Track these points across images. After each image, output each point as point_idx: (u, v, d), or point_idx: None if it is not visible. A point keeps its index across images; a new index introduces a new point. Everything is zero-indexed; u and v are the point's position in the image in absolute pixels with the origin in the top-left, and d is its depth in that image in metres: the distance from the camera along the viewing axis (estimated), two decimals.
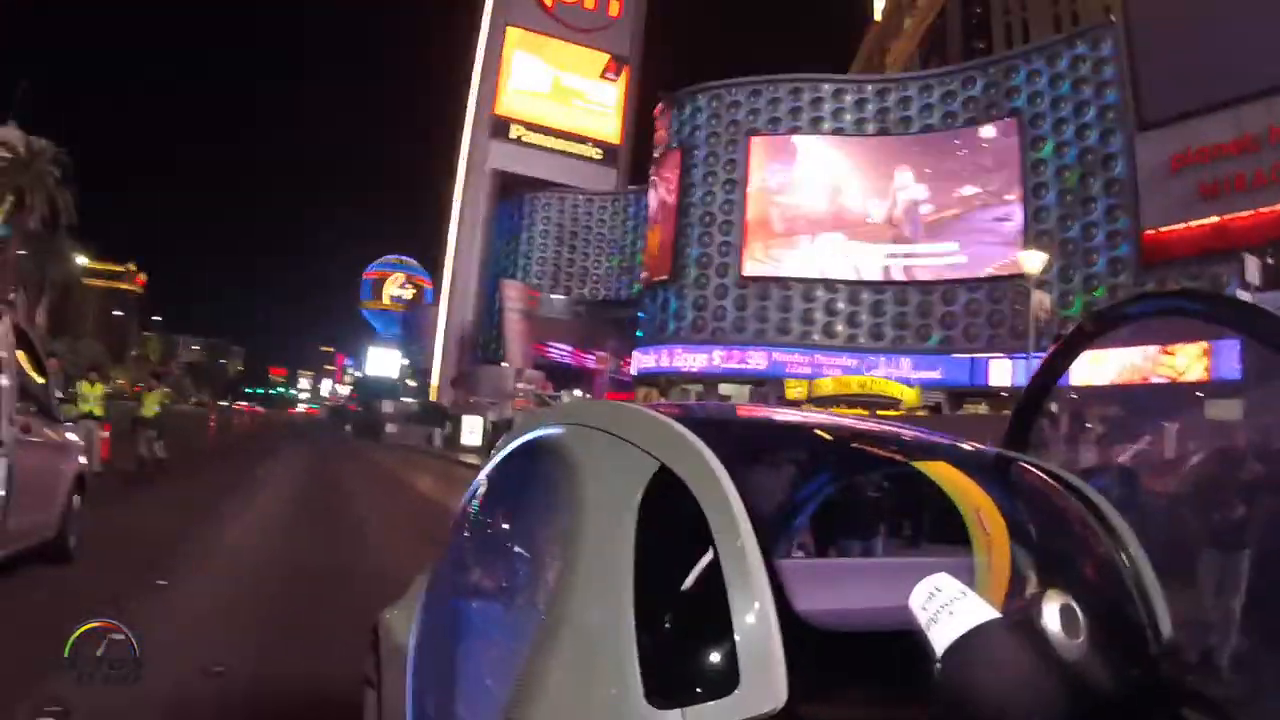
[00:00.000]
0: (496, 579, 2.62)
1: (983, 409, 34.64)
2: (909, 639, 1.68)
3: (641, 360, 48.20)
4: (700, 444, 1.98)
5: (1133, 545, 2.34)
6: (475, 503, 2.98)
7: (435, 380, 78.35)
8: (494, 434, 42.70)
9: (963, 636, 1.64)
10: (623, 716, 1.63)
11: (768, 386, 41.21)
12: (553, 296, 64.15)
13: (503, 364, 61.86)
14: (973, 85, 40.49)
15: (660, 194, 48.91)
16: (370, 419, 76.24)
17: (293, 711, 5.10)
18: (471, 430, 50.16)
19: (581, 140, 67.10)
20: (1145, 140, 32.73)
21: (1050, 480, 2.55)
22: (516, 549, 2.54)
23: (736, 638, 1.60)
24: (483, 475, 2.98)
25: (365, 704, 3.70)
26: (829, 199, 42.90)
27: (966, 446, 2.73)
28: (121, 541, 10.46)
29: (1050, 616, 1.76)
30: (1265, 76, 28.47)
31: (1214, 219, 30.33)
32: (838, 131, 43.43)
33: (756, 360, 42.69)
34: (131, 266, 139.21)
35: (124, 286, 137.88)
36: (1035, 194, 37.12)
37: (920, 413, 34.80)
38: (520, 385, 54.76)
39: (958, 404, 37.47)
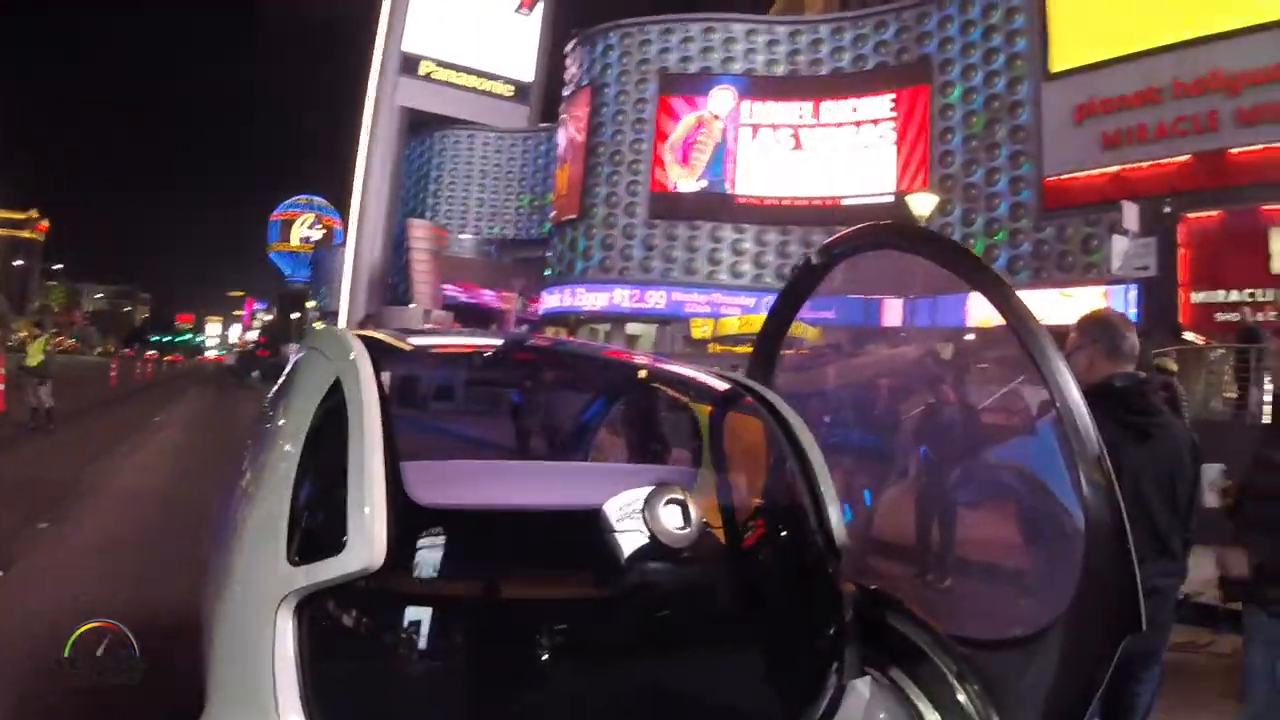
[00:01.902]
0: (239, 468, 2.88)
1: (883, 347, 35.05)
2: (498, 523, 2.22)
3: (549, 300, 47.86)
4: (362, 357, 2.28)
5: (814, 457, 2.64)
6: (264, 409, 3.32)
7: (344, 322, 76.92)
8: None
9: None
10: (272, 574, 1.96)
11: (673, 326, 41.25)
12: (462, 236, 63.21)
13: (410, 305, 60.95)
14: (885, 30, 40.46)
15: (570, 132, 48.26)
16: (279, 364, 74.62)
17: (156, 636, 5.13)
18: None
19: (493, 77, 65.41)
20: (1051, 89, 33.22)
21: (762, 405, 2.85)
22: (253, 440, 2.92)
23: (348, 510, 1.88)
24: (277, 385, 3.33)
25: None
26: (740, 141, 42.84)
27: (703, 376, 3.26)
28: (10, 489, 10.37)
29: (660, 510, 2.17)
30: (1172, 30, 29.43)
31: (1114, 168, 31.06)
32: (748, 73, 43.14)
33: (655, 299, 42.66)
34: (33, 213, 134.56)
35: (25, 235, 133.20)
36: (941, 139, 37.54)
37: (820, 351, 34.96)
38: (428, 326, 54.07)
39: (858, 343, 37.79)
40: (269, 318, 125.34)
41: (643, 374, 3.50)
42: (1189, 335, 27.05)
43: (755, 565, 2.55)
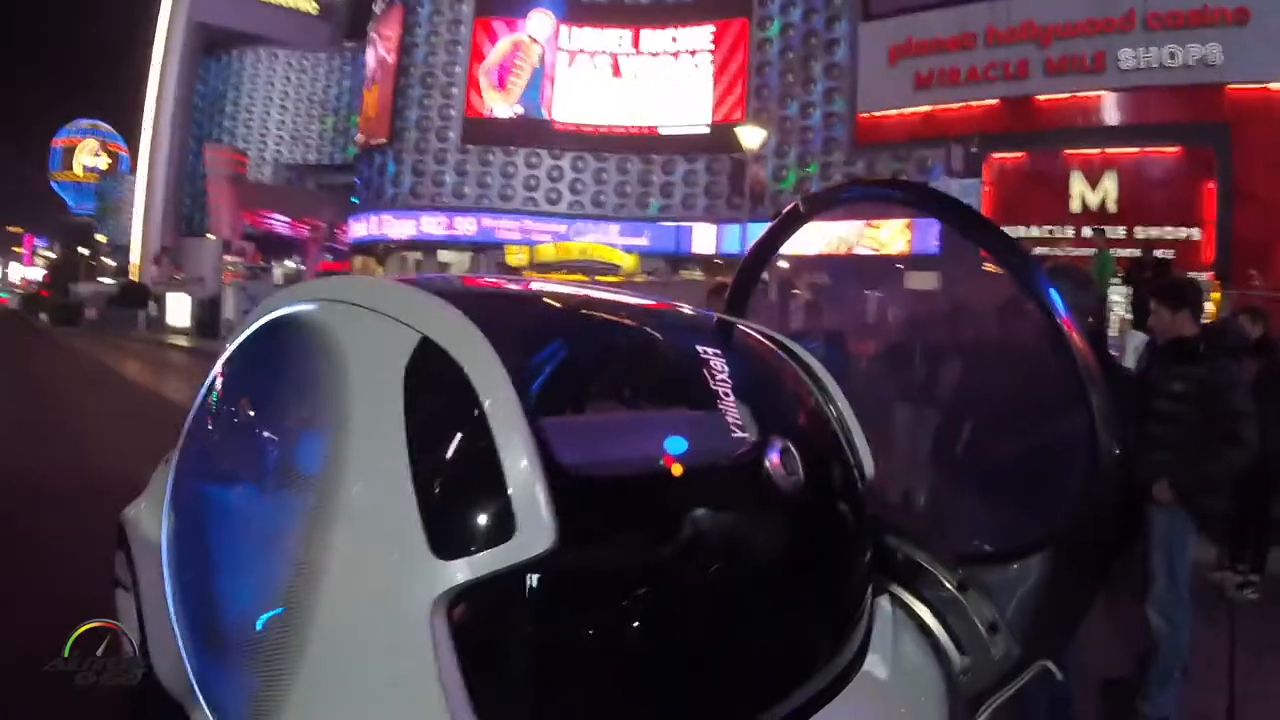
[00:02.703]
0: (254, 464, 2.51)
1: (698, 274, 35.39)
2: (656, 485, 2.14)
3: (356, 228, 45.66)
4: (461, 315, 2.10)
5: (839, 399, 2.79)
6: (218, 385, 2.90)
7: (136, 258, 71.99)
8: (205, 312, 39.65)
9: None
10: (411, 574, 1.76)
11: (488, 253, 40.07)
12: (262, 162, 59.81)
13: (209, 236, 57.48)
14: None
15: (380, 52, 45.99)
16: (67, 304, 70.23)
17: (36, 621, 4.33)
18: (178, 309, 46.28)
19: None
20: (868, 29, 33.83)
21: (766, 342, 2.92)
22: (275, 431, 2.47)
23: (509, 490, 1.75)
24: (224, 356, 2.89)
25: (118, 605, 3.68)
26: (558, 67, 41.75)
27: (694, 313, 3.10)
28: None
29: (772, 457, 2.24)
30: None
31: (925, 108, 32.08)
32: None
33: (465, 227, 41.26)
34: None
35: None
36: (758, 72, 37.74)
37: (639, 278, 34.85)
38: (229, 258, 51.24)
39: (674, 270, 37.86)
40: (52, 255, 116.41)
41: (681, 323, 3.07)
42: (987, 267, 28.35)
43: (817, 501, 2.53)
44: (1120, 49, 29.22)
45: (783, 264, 32.10)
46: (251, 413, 2.76)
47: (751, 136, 27.08)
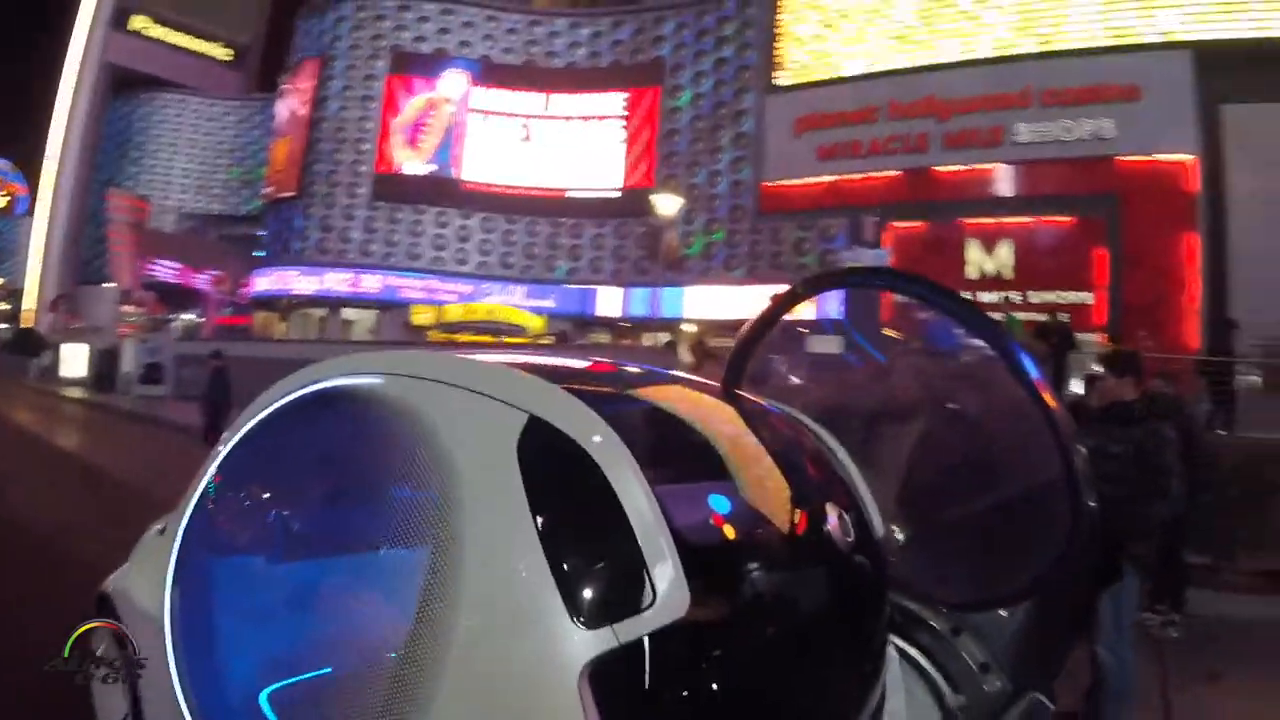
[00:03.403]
0: (320, 541, 2.61)
1: (604, 338, 35.35)
2: (745, 548, 2.32)
3: (261, 282, 44.55)
4: (567, 392, 2.24)
5: (848, 462, 2.97)
6: (247, 456, 2.91)
7: (31, 303, 69.60)
8: (103, 363, 38.30)
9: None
10: (555, 645, 1.84)
11: (393, 312, 39.56)
12: (165, 207, 58.30)
13: (108, 284, 55.87)
14: (622, 29, 40.67)
15: (292, 104, 45.33)
16: None
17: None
18: (74, 359, 44.50)
19: (211, 38, 60.98)
20: (774, 101, 34.77)
21: (775, 411, 3.06)
22: (349, 507, 2.52)
23: (646, 559, 1.87)
24: (249, 427, 2.89)
25: (95, 685, 3.42)
26: (470, 127, 41.71)
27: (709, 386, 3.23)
28: None
29: (832, 520, 2.50)
30: (892, 59, 32.33)
31: (829, 178, 33.05)
32: (483, 58, 41.99)
33: (371, 284, 40.63)
34: None
35: None
36: (668, 139, 38.22)
37: (545, 340, 34.69)
38: (128, 307, 49.71)
39: (582, 333, 37.80)
40: None
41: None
42: (889, 332, 28.78)
43: (860, 559, 2.66)
44: (1016, 123, 30.44)
45: (689, 327, 32.54)
46: (310, 488, 2.79)
47: (667, 203, 27.39)
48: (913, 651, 2.92)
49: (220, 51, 62.27)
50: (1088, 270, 29.23)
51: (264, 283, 43.99)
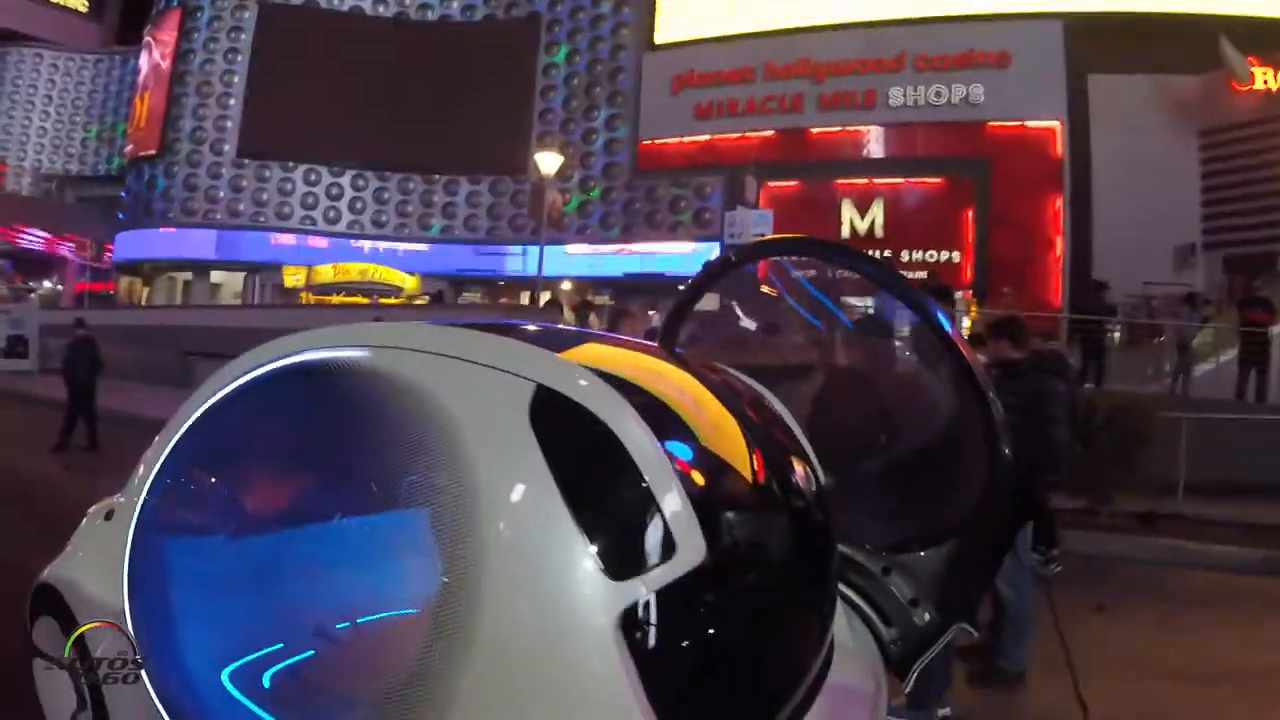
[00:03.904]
0: (301, 521, 2.60)
1: (479, 297, 34.80)
2: (740, 496, 2.48)
3: (123, 246, 42.61)
4: (565, 359, 2.36)
5: (788, 416, 3.15)
6: (221, 431, 2.91)
7: None
8: None
9: None
10: (590, 598, 1.95)
11: (263, 274, 38.22)
12: (22, 169, 54.98)
13: None
14: None
15: (154, 57, 42.98)
16: None
17: None
18: None
19: None
20: (652, 59, 34.54)
21: (723, 370, 3.18)
22: (338, 484, 2.53)
23: (665, 514, 1.99)
24: (210, 403, 2.89)
25: (38, 680, 3.59)
26: (343, 80, 39.97)
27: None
28: None
29: (799, 474, 2.72)
30: (769, 18, 32.39)
31: (705, 137, 33.15)
32: (354, 10, 40.65)
33: (239, 246, 38.98)
34: None
35: None
36: (543, 95, 37.54)
37: (420, 300, 33.93)
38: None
39: (456, 292, 37.04)
40: None
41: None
42: (765, 289, 29.39)
43: (819, 505, 2.81)
44: (890, 87, 30.96)
45: (566, 285, 32.22)
46: (295, 463, 2.79)
47: (548, 161, 27.09)
48: (849, 591, 3.12)
49: (76, 1, 58.87)
50: (957, 230, 29.98)
51: (127, 246, 42.06)
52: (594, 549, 1.98)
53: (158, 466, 3.06)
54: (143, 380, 22.36)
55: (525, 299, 34.94)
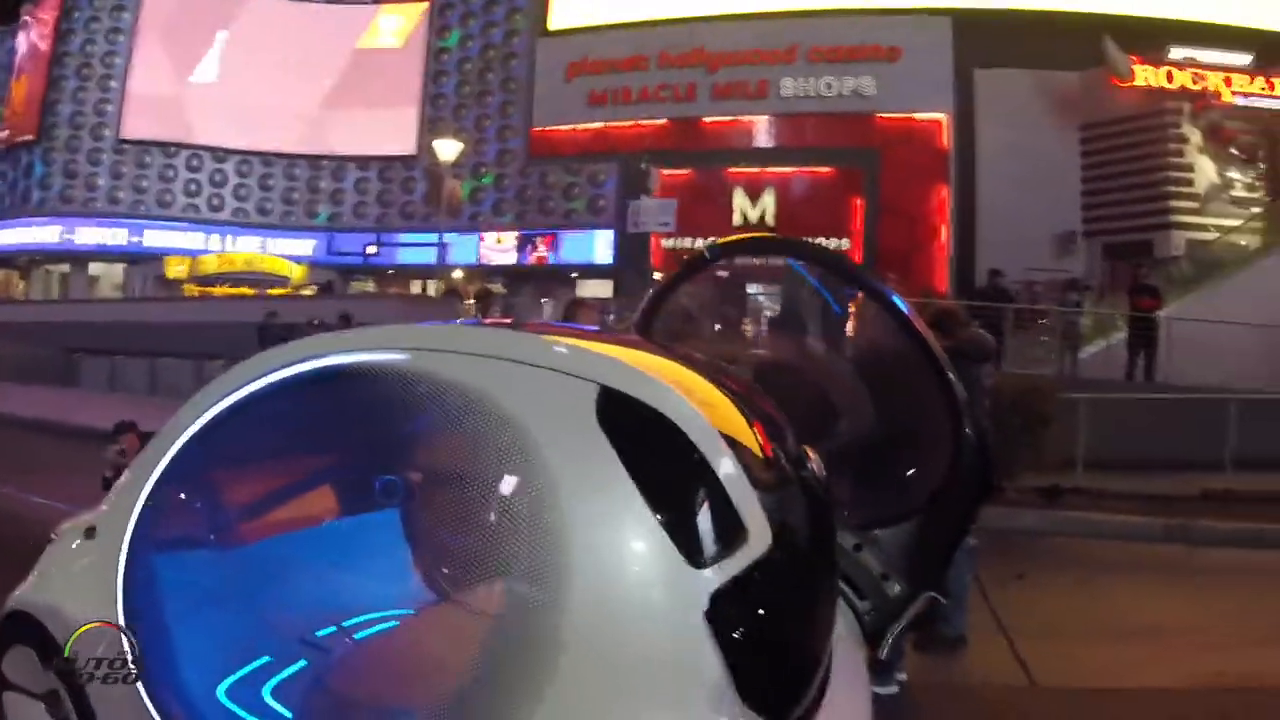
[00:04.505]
0: (339, 530, 2.64)
1: (369, 286, 34.14)
2: (788, 485, 2.57)
3: None
4: (627, 363, 2.41)
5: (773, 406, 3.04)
6: (221, 444, 2.84)
7: None
8: None
9: None
10: (681, 587, 2.06)
11: (143, 265, 36.91)
12: None
13: None
14: None
15: (32, 37, 41.35)
16: None
17: None
18: None
19: None
20: (546, 45, 34.19)
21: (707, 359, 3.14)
22: (385, 490, 2.54)
23: (736, 506, 2.12)
24: (216, 411, 2.78)
25: (12, 713, 3.33)
26: (235, 63, 38.92)
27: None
28: None
29: (814, 459, 2.82)
30: (664, 9, 32.44)
31: (599, 124, 33.04)
32: None
33: (120, 235, 37.60)
34: None
35: None
36: (435, 81, 36.99)
37: (307, 291, 33.15)
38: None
39: (345, 282, 36.29)
40: None
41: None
42: (658, 275, 29.70)
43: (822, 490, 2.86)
44: (782, 78, 31.27)
45: (457, 274, 31.72)
46: (329, 470, 2.81)
47: (447, 149, 26.73)
48: None
49: None
50: (846, 218, 30.45)
51: (1, 237, 40.29)
52: (676, 541, 2.08)
53: (157, 475, 2.89)
54: (18, 378, 21.43)
55: (418, 288, 34.57)
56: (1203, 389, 14.07)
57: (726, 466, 2.15)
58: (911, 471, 3.63)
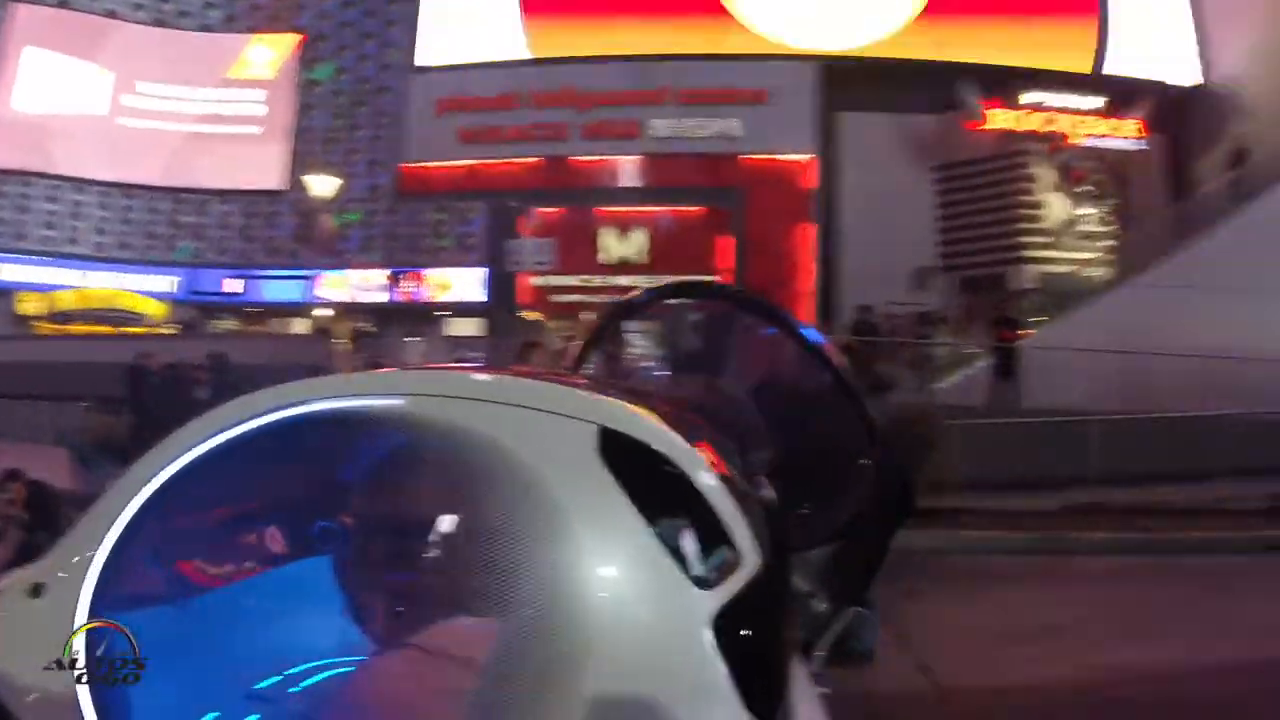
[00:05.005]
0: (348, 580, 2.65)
1: (233, 324, 33.25)
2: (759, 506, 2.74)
3: None
4: (620, 403, 2.57)
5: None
6: (195, 494, 2.71)
7: None
8: None
9: None
10: (690, 607, 2.20)
11: None
12: None
13: None
14: None
15: None
16: None
17: None
18: None
19: None
20: (418, 81, 33.91)
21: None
22: (395, 537, 2.65)
23: (731, 532, 2.28)
24: (187, 460, 2.64)
25: None
26: (100, 90, 37.51)
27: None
28: None
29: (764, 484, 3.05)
30: (535, 48, 32.66)
31: (470, 162, 32.86)
32: (110, 14, 37.57)
33: None
34: None
35: None
36: (305, 114, 36.36)
37: (165, 330, 32.13)
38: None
39: (206, 319, 35.15)
40: None
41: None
42: (526, 314, 31.56)
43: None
44: (652, 119, 31.77)
45: (323, 311, 31.10)
46: (329, 519, 2.76)
47: (321, 185, 26.26)
48: None
49: None
50: (714, 256, 31.30)
51: None
52: (683, 566, 2.25)
53: (113, 530, 2.69)
54: None
55: (283, 327, 33.76)
56: (1064, 412, 15.10)
57: (718, 496, 2.32)
58: (835, 497, 3.75)
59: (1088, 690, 6.25)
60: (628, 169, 31.99)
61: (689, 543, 2.32)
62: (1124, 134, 30.54)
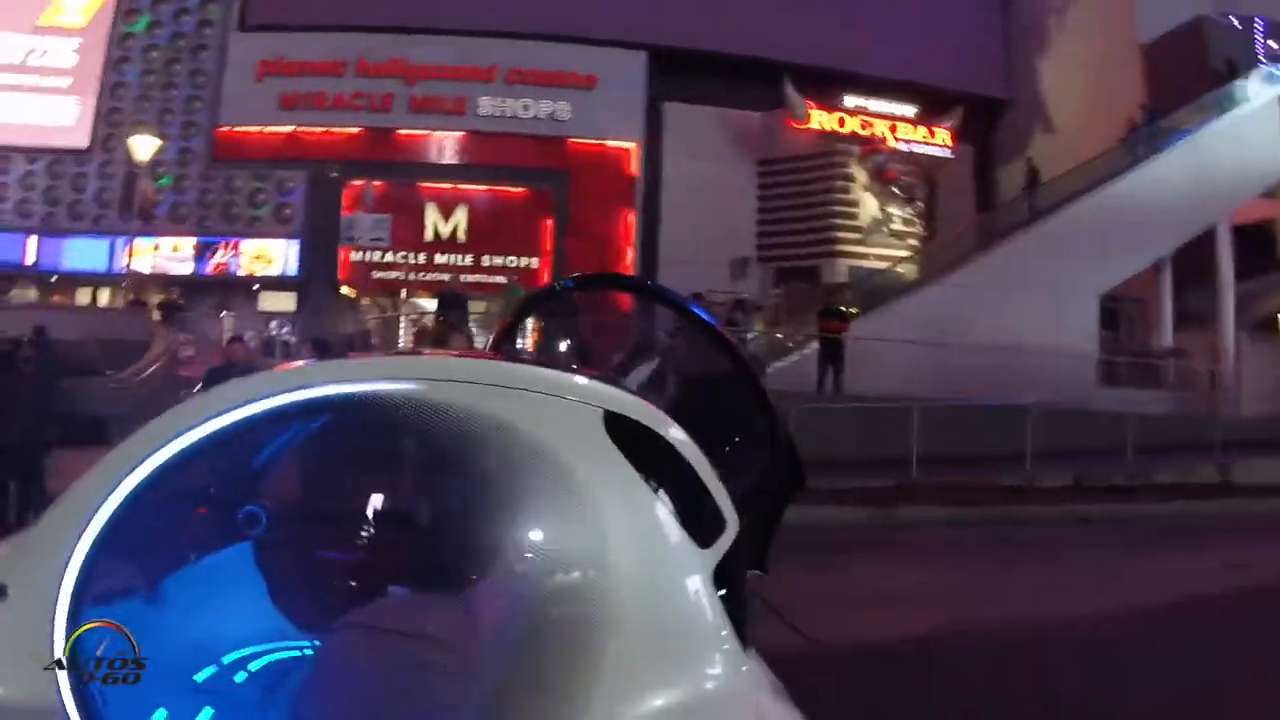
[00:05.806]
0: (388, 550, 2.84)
1: (33, 294, 31.02)
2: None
3: None
4: (619, 389, 2.85)
5: None
6: (189, 480, 2.70)
7: None
8: None
9: None
10: (696, 563, 2.56)
11: None
12: None
13: None
14: None
15: None
16: None
17: None
18: None
19: None
20: (240, 40, 32.46)
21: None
22: (430, 512, 2.92)
23: (718, 502, 2.68)
24: (180, 446, 2.55)
25: None
26: None
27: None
28: None
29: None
30: (365, 16, 31.22)
31: (289, 128, 31.78)
32: None
33: None
34: None
35: None
36: (116, 68, 33.45)
37: None
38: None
39: (6, 289, 32.49)
40: None
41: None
42: (345, 290, 31.11)
43: None
44: (480, 96, 31.66)
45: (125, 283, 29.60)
46: (345, 499, 2.89)
47: (145, 146, 24.93)
48: None
49: None
50: (536, 238, 31.40)
51: None
52: (686, 528, 2.56)
53: (95, 522, 2.51)
54: None
55: (86, 298, 31.84)
56: (888, 399, 16.30)
57: (705, 469, 2.68)
58: (735, 470, 3.91)
59: (937, 644, 7.00)
60: (453, 145, 31.75)
61: (694, 509, 2.66)
62: (936, 141, 32.19)
